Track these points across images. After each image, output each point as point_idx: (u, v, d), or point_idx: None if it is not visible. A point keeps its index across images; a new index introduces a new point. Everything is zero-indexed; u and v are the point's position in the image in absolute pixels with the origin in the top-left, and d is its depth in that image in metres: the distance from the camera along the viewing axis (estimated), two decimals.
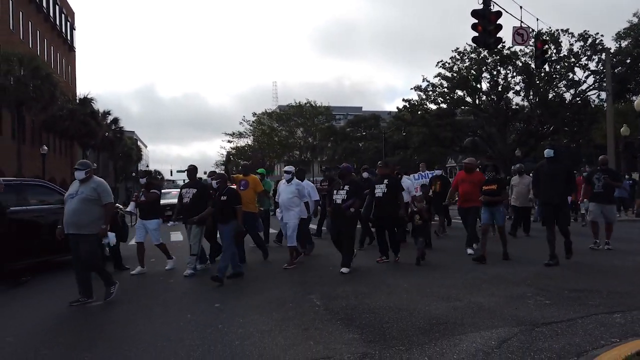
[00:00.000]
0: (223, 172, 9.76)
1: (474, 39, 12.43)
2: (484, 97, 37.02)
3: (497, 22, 12.30)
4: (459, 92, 37.27)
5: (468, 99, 37.66)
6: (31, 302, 6.74)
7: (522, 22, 13.77)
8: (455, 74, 35.94)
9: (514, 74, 35.01)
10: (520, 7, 13.84)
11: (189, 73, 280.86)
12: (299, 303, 5.81)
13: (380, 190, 8.26)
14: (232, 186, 8.18)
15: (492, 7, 12.33)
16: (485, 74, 35.66)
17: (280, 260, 8.73)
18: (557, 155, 7.91)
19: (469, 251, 8.88)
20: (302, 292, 6.36)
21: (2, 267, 7.72)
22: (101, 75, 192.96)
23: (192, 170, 8.62)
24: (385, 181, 8.27)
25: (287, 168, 9.17)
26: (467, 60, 35.51)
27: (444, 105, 38.11)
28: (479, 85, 36.33)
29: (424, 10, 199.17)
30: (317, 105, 54.48)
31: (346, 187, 7.73)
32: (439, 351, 3.98)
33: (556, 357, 3.73)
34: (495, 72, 35.25)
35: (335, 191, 7.88)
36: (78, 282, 6.23)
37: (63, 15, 43.64)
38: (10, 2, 31.51)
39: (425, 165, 14.19)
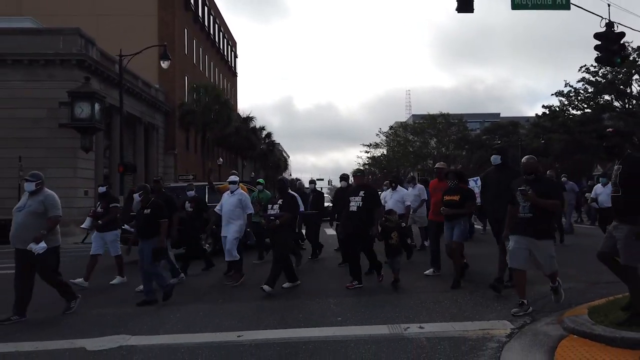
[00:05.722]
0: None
1: (597, 59, 13.61)
2: (634, 101, 35.05)
3: (622, 42, 13.39)
4: (606, 97, 35.83)
5: (616, 103, 35.98)
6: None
7: None
8: (600, 79, 34.73)
9: None
10: None
11: (322, 85, 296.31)
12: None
13: (355, 203, 7.24)
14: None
15: (616, 28, 13.43)
16: (635, 76, 33.87)
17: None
18: (506, 160, 6.78)
19: (427, 272, 7.97)
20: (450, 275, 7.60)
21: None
22: (248, 91, 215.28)
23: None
24: (362, 193, 7.26)
25: (231, 178, 8.22)
26: None
27: (588, 111, 36.92)
28: (628, 89, 34.56)
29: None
30: (450, 114, 55.65)
31: (280, 202, 7.36)
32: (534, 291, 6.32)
33: (605, 294, 5.84)
34: None
35: (270, 205, 7.53)
36: (16, 298, 5.91)
37: (229, 47, 51.67)
38: (194, 41, 38.95)
39: None
